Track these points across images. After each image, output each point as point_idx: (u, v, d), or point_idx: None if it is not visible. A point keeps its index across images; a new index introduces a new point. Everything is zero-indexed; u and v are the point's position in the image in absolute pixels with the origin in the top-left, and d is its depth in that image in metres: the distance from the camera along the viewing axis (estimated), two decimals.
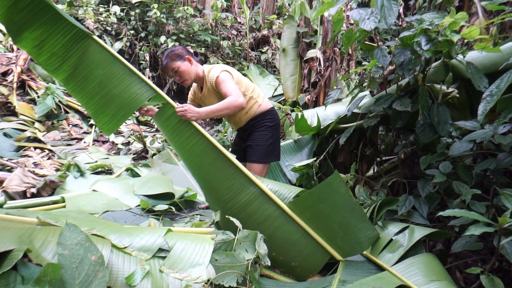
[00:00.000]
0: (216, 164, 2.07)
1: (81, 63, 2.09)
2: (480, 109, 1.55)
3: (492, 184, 1.89)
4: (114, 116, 2.14)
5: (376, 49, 2.15)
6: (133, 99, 2.13)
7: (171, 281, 1.55)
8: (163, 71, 2.42)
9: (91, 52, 2.09)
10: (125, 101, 2.11)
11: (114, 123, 2.16)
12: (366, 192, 2.30)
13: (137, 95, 2.13)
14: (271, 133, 2.47)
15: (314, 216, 1.97)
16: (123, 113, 2.13)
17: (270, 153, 2.46)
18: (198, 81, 2.48)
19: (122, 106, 2.12)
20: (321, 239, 1.96)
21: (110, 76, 2.11)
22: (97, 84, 2.11)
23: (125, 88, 2.12)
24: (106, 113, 2.14)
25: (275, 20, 7.33)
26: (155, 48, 6.16)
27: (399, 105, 2.07)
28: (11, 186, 2.83)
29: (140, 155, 4.43)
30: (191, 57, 2.39)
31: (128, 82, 2.12)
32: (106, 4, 6.31)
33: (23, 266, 1.36)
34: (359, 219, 1.91)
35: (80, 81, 2.12)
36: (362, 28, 2.02)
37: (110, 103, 2.12)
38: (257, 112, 2.48)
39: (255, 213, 2.00)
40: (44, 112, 4.61)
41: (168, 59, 2.35)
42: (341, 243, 1.94)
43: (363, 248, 1.92)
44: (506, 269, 1.89)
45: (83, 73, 2.10)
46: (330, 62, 4.49)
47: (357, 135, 2.74)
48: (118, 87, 2.12)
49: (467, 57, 1.97)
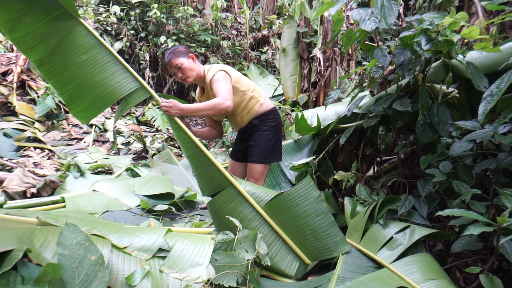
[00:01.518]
0: (196, 160, 2.09)
1: (61, 45, 1.95)
2: (480, 109, 1.55)
3: (492, 184, 1.89)
4: (92, 104, 2.04)
5: (376, 49, 2.15)
6: (115, 89, 2.04)
7: (171, 281, 1.56)
8: (165, 67, 2.39)
9: (75, 36, 1.97)
10: (106, 90, 2.03)
11: (91, 112, 2.05)
12: (366, 191, 2.30)
13: (120, 85, 2.05)
14: (273, 133, 2.46)
15: (287, 219, 2.00)
16: (102, 103, 2.04)
17: (272, 154, 2.46)
18: (200, 82, 2.46)
19: (103, 96, 2.03)
20: (292, 242, 2.00)
21: (93, 62, 2.00)
22: (77, 68, 1.98)
23: (108, 77, 2.03)
24: (83, 100, 2.03)
25: (275, 20, 7.33)
26: (155, 48, 6.16)
27: (399, 105, 2.07)
28: (11, 186, 2.83)
29: (140, 155, 4.43)
30: (194, 56, 2.39)
31: (113, 71, 2.04)
32: (106, 4, 6.31)
33: (23, 266, 1.36)
34: (329, 225, 1.97)
35: (58, 65, 1.96)
36: (362, 28, 2.02)
37: (89, 90, 2.02)
38: (259, 112, 2.46)
39: (232, 213, 2.01)
40: (44, 112, 4.61)
41: (171, 55, 2.32)
42: (311, 247, 1.99)
43: (331, 253, 1.96)
44: (505, 268, 1.89)
45: (63, 56, 1.96)
46: (330, 62, 4.49)
47: (357, 135, 2.74)
48: (100, 75, 2.02)
49: (467, 57, 1.97)
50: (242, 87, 2.39)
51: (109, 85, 2.04)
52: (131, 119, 5.70)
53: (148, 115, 5.65)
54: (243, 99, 2.40)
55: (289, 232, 2.01)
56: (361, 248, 2.03)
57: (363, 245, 2.04)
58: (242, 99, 2.40)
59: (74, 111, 2.06)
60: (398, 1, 2.00)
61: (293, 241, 2.01)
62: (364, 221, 2.09)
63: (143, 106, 6.15)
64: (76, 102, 2.03)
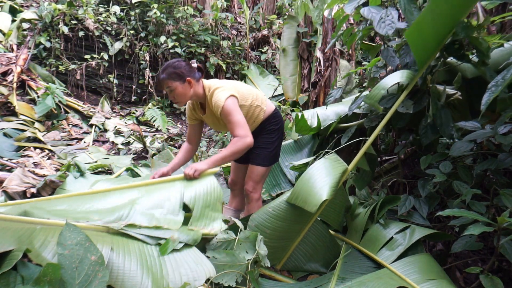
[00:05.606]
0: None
1: None
2: (484, 99, 1.53)
3: (492, 184, 1.89)
4: None
5: (384, 50, 2.12)
6: None
7: (171, 279, 1.56)
8: (159, 84, 2.23)
9: None
10: None
11: None
12: (366, 191, 2.30)
13: None
14: (276, 136, 2.44)
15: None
16: None
17: (273, 156, 2.43)
18: (197, 100, 2.31)
19: None
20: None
21: None
22: None
23: None
24: None
25: (275, 20, 7.32)
26: (155, 48, 6.15)
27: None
28: (11, 186, 2.83)
29: (140, 155, 4.43)
30: (192, 79, 2.18)
31: None
32: (106, 4, 6.31)
33: (23, 266, 1.36)
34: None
35: None
36: (365, 28, 2.01)
37: None
38: (263, 119, 2.42)
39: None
40: (44, 112, 4.61)
41: (166, 75, 2.14)
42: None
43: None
44: (506, 268, 1.89)
45: None
46: (330, 62, 4.49)
47: (357, 135, 2.74)
48: None
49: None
50: (247, 101, 2.30)
51: None
52: (131, 119, 5.70)
53: (148, 115, 5.64)
54: (249, 111, 2.33)
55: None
56: (361, 248, 2.03)
57: (363, 245, 2.04)
58: (248, 111, 2.33)
59: None
60: (417, 4, 1.95)
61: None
62: (364, 221, 2.09)
63: (143, 106, 6.15)
64: None
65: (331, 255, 2.08)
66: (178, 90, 2.15)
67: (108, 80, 6.02)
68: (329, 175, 1.96)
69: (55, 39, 5.63)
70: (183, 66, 2.17)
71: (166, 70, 2.15)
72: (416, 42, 1.84)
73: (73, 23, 5.69)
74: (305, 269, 2.10)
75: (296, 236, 2.07)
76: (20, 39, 5.62)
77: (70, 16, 5.67)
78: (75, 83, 5.82)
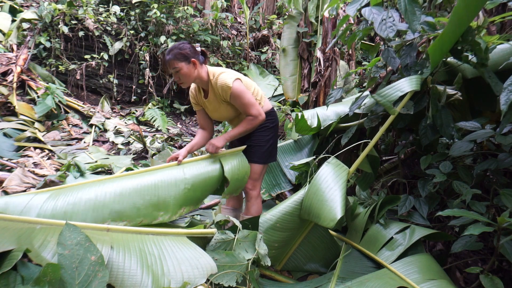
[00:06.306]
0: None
1: None
2: (502, 99, 1.52)
3: (492, 184, 1.89)
4: None
5: (384, 51, 2.12)
6: None
7: (173, 276, 1.56)
8: (165, 65, 2.28)
9: None
10: None
11: None
12: (366, 191, 2.30)
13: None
14: (271, 134, 2.45)
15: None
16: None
17: (269, 154, 2.45)
18: (200, 84, 2.37)
19: None
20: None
21: None
22: None
23: None
24: None
25: (275, 20, 7.32)
26: (155, 48, 6.15)
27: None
28: (11, 186, 2.83)
29: (140, 155, 4.43)
30: (197, 60, 2.24)
31: None
32: (106, 4, 6.31)
33: (23, 266, 1.36)
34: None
35: None
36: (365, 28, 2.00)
37: None
38: None
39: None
40: (44, 112, 4.61)
41: (172, 55, 2.18)
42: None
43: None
44: (505, 268, 1.89)
45: None
46: (330, 62, 4.49)
47: (357, 135, 2.74)
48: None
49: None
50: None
51: None
52: (131, 119, 5.70)
53: (148, 115, 5.65)
54: None
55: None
56: (361, 248, 2.03)
57: (363, 245, 2.04)
58: None
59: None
60: (420, 5, 1.92)
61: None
62: (364, 221, 2.09)
63: (143, 106, 6.15)
64: None
65: (331, 255, 2.08)
66: (184, 71, 2.21)
67: (108, 80, 6.02)
68: (335, 184, 1.95)
69: (55, 39, 5.63)
70: (188, 48, 2.24)
71: (172, 51, 2.21)
72: (436, 53, 1.87)
73: (73, 23, 5.69)
74: (305, 269, 2.10)
75: (297, 238, 2.08)
76: (20, 39, 5.62)
77: (70, 16, 5.67)
78: (75, 83, 5.82)
